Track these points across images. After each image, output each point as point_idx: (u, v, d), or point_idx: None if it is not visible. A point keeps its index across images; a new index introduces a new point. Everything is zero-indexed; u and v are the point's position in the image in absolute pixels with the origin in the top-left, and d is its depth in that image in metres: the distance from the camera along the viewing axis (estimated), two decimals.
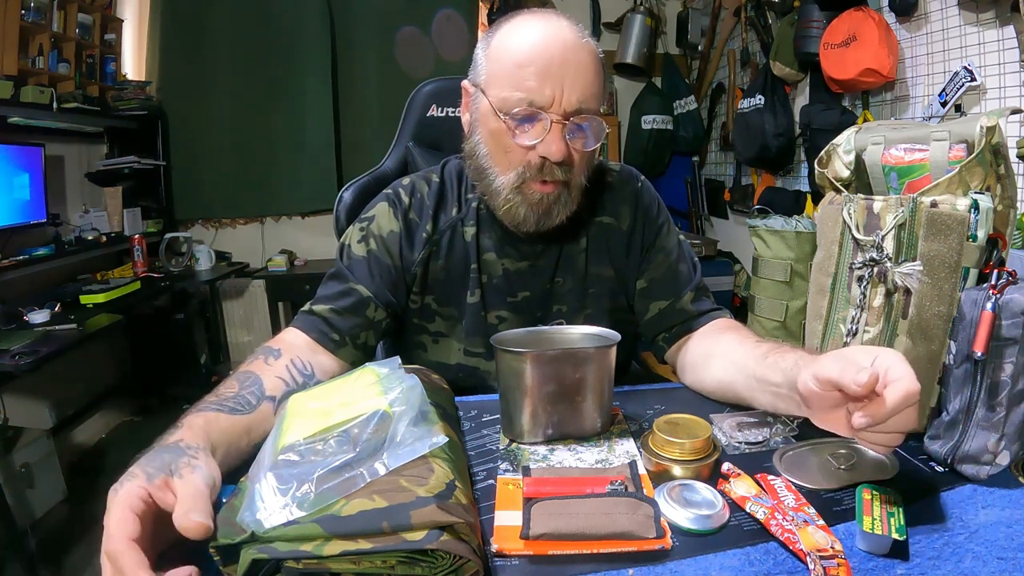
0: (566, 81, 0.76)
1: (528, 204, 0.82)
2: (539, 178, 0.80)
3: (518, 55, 0.77)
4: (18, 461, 1.95)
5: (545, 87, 0.76)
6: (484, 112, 0.82)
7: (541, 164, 0.79)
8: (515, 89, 0.77)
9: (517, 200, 0.82)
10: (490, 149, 0.83)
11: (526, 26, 0.79)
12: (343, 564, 0.44)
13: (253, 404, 0.66)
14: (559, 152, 0.78)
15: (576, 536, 0.51)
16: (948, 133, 0.70)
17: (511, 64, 0.78)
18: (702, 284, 0.95)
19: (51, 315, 2.07)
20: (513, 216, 0.84)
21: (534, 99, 0.76)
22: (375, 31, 3.32)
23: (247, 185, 3.33)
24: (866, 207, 0.72)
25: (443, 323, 0.93)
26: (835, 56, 2.08)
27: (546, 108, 0.77)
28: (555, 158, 0.78)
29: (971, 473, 0.61)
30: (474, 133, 0.85)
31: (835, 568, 0.47)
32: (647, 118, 3.39)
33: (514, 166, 0.81)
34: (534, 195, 0.81)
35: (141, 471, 0.48)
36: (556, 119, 0.77)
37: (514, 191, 0.82)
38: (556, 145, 0.77)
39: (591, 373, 0.70)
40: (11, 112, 2.30)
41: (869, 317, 0.72)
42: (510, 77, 0.78)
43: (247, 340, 3.44)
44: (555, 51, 0.76)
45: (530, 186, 0.81)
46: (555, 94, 0.76)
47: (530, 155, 0.79)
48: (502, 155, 0.81)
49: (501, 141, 0.81)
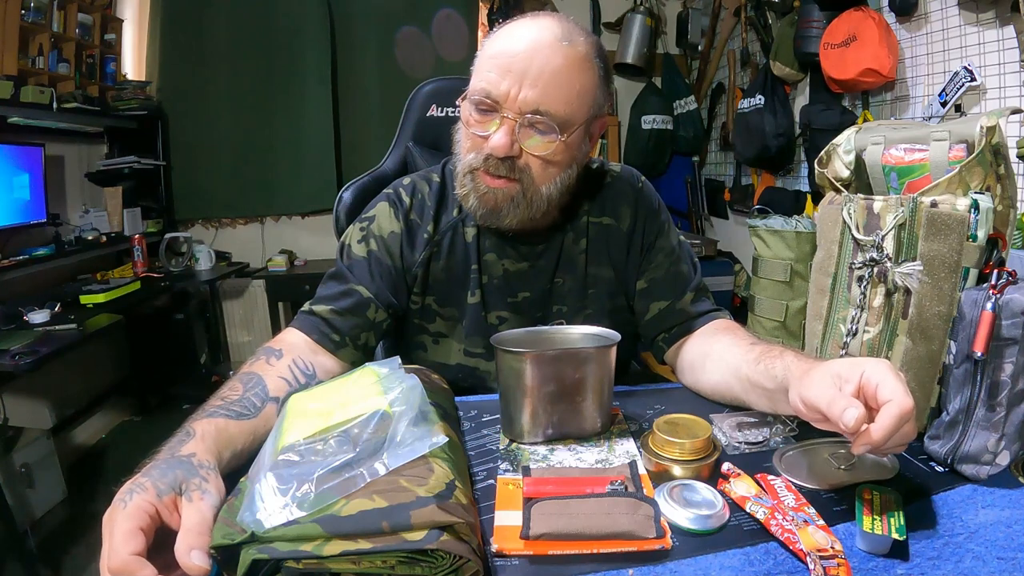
0: (526, 79, 0.75)
1: (476, 194, 0.82)
2: (484, 170, 0.80)
3: (491, 47, 0.79)
4: (18, 461, 1.95)
5: (503, 81, 0.76)
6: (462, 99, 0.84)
7: (486, 156, 0.80)
8: (479, 80, 0.78)
9: (469, 187, 0.83)
10: (461, 135, 0.84)
11: (516, 24, 0.80)
12: (343, 564, 0.44)
13: (258, 407, 0.66)
14: (500, 147, 0.77)
15: (576, 536, 0.51)
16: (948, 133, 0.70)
17: (484, 56, 0.80)
18: (702, 285, 0.95)
19: (51, 315, 2.07)
20: (466, 203, 0.85)
21: (491, 91, 0.77)
22: (375, 31, 3.31)
23: (247, 185, 3.33)
24: (866, 207, 0.72)
25: (443, 323, 0.93)
26: (835, 56, 2.08)
27: (500, 103, 0.77)
28: (497, 153, 0.78)
29: (971, 473, 0.61)
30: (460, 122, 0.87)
31: (835, 568, 0.47)
32: (647, 118, 3.39)
33: (469, 151, 0.82)
34: (481, 186, 0.81)
35: (152, 485, 0.47)
36: (508, 115, 0.77)
37: (466, 176, 0.83)
38: (499, 139, 0.77)
39: (591, 373, 0.70)
40: (11, 112, 2.30)
41: (869, 317, 0.72)
42: (479, 67, 0.80)
43: (247, 340, 3.44)
44: (524, 48, 0.76)
45: (479, 176, 0.81)
46: (511, 90, 0.76)
47: (482, 145, 0.80)
48: (465, 141, 0.83)
49: (465, 129, 0.83)
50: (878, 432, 0.50)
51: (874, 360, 0.55)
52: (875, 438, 0.50)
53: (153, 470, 0.50)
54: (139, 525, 0.44)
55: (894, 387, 0.51)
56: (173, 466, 0.50)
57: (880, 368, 0.53)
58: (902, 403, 0.50)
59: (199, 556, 0.44)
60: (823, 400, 0.54)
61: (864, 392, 0.54)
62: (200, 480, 0.50)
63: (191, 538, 0.45)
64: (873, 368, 0.54)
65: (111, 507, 0.46)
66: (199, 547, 0.44)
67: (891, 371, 0.53)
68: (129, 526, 0.44)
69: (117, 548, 0.43)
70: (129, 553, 0.42)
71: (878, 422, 0.50)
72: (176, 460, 0.52)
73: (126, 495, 0.46)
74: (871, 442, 0.50)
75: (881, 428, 0.50)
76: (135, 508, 0.45)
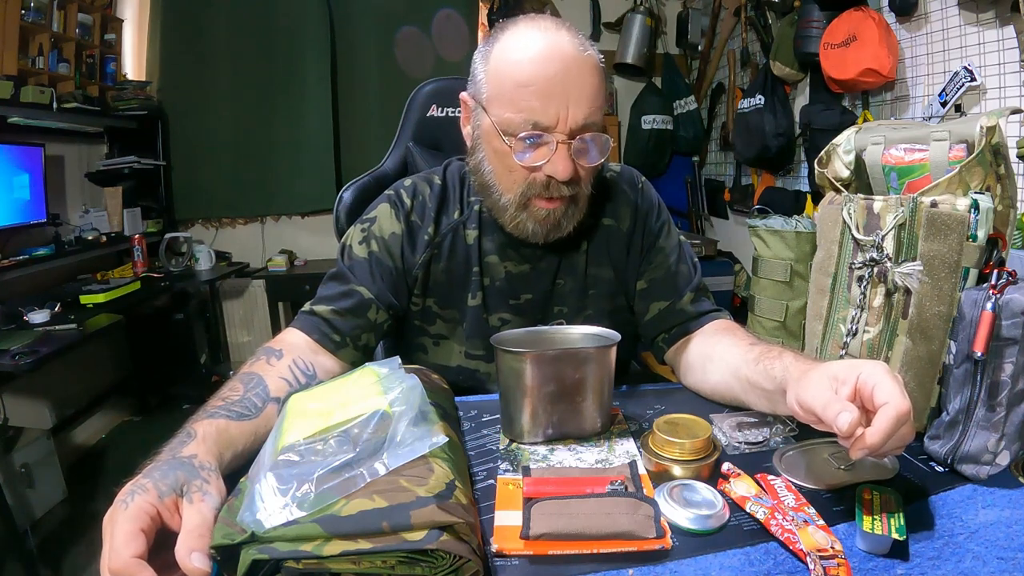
0: (570, 99, 0.74)
1: (535, 220, 0.82)
2: (544, 195, 0.80)
3: (519, 75, 0.75)
4: (18, 461, 1.95)
5: (549, 107, 0.74)
6: (487, 131, 0.80)
7: (547, 182, 0.78)
8: (518, 111, 0.75)
9: (523, 217, 0.82)
10: (494, 167, 0.82)
11: (525, 40, 0.76)
12: (343, 564, 0.44)
13: (259, 407, 0.66)
14: (565, 172, 0.76)
15: (576, 536, 0.51)
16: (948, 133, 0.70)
17: (512, 84, 0.75)
18: (702, 285, 0.95)
19: (51, 315, 2.07)
20: (521, 231, 0.84)
21: (538, 120, 0.74)
22: (375, 31, 3.31)
23: (247, 185, 3.33)
24: (866, 207, 0.72)
25: (444, 325, 0.93)
26: (835, 56, 2.08)
27: (551, 129, 0.75)
28: (562, 178, 0.77)
29: (971, 473, 0.61)
30: (477, 150, 0.84)
31: (835, 568, 0.47)
32: (647, 118, 3.38)
33: (519, 184, 0.80)
34: (539, 212, 0.81)
35: (153, 486, 0.47)
36: (562, 139, 0.75)
37: (519, 209, 0.81)
38: (563, 165, 0.76)
39: (591, 373, 0.70)
40: (11, 112, 2.30)
41: (869, 317, 0.72)
42: (512, 98, 0.75)
43: (247, 340, 3.44)
44: (556, 69, 0.74)
45: (535, 203, 0.81)
46: (559, 114, 0.74)
47: (535, 174, 0.78)
48: (506, 174, 0.80)
49: (505, 161, 0.79)
50: (874, 436, 0.50)
51: (871, 362, 0.55)
52: (871, 442, 0.50)
53: (154, 471, 0.50)
54: (140, 527, 0.44)
55: (891, 389, 0.51)
56: (174, 467, 0.50)
57: (877, 370, 0.53)
58: (899, 405, 0.50)
59: (199, 558, 0.44)
60: (818, 403, 0.54)
61: (861, 394, 0.53)
62: (201, 482, 0.50)
63: (191, 540, 0.45)
64: (870, 370, 0.54)
65: (112, 508, 0.46)
66: (199, 549, 0.44)
67: (888, 373, 0.53)
68: (130, 528, 0.44)
69: (118, 549, 0.43)
70: (130, 555, 0.43)
71: (874, 425, 0.50)
72: (177, 461, 0.52)
73: (127, 496, 0.46)
74: (868, 446, 0.50)
75: (878, 431, 0.50)
76: (136, 509, 0.45)
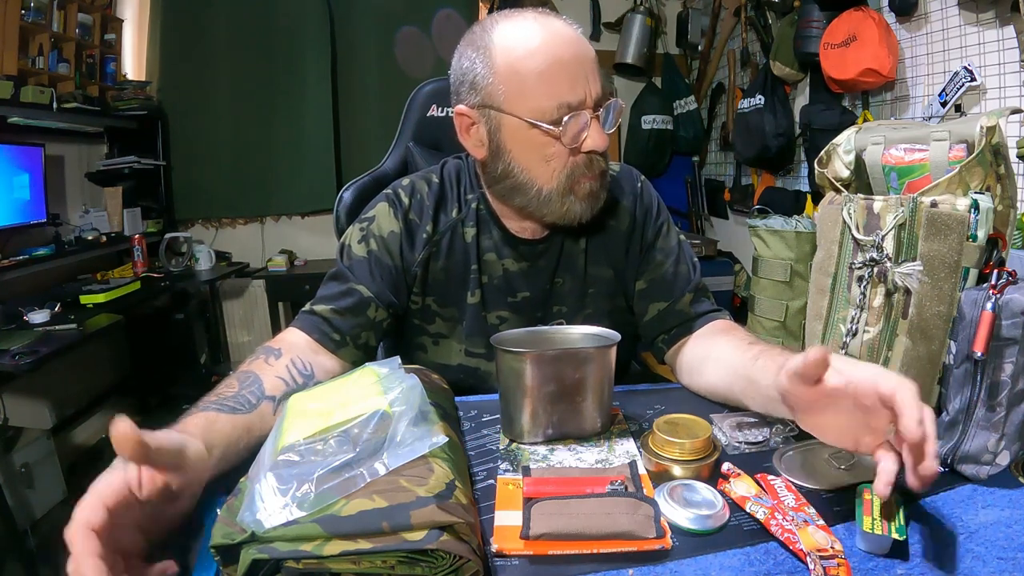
0: (588, 73, 0.78)
1: (581, 199, 0.83)
2: (588, 173, 0.82)
3: (538, 65, 0.77)
4: (18, 461, 1.95)
5: (577, 86, 0.77)
6: (513, 130, 0.80)
7: (589, 160, 0.81)
8: (551, 98, 0.77)
9: (570, 200, 0.83)
10: (528, 164, 0.82)
11: (524, 33, 0.78)
12: (343, 564, 0.44)
13: (253, 403, 0.66)
14: (604, 142, 0.80)
15: (576, 536, 0.51)
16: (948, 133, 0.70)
17: (535, 75, 0.77)
18: (702, 285, 0.95)
19: (51, 315, 2.07)
20: (569, 216, 0.85)
21: (570, 101, 0.77)
22: (375, 31, 3.31)
23: (247, 185, 3.33)
24: (866, 207, 0.72)
25: (443, 324, 0.93)
26: (835, 56, 2.08)
27: (582, 106, 0.78)
28: (602, 148, 0.81)
29: (971, 473, 0.61)
30: (501, 155, 0.83)
31: (835, 568, 0.47)
32: (647, 118, 3.39)
33: (560, 171, 0.81)
34: (585, 187, 0.83)
35: (121, 462, 0.48)
36: (592, 114, 0.79)
37: (565, 194, 0.83)
38: (601, 137, 0.80)
39: (591, 373, 0.70)
40: (11, 112, 2.30)
41: (869, 317, 0.72)
42: (539, 89, 0.77)
43: (247, 340, 3.44)
44: (566, 48, 0.78)
45: (580, 182, 0.82)
46: (585, 89, 0.78)
47: (574, 157, 0.81)
48: (543, 165, 0.81)
49: (542, 152, 0.80)
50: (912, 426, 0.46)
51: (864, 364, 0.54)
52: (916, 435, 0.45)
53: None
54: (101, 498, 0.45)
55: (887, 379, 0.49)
56: None
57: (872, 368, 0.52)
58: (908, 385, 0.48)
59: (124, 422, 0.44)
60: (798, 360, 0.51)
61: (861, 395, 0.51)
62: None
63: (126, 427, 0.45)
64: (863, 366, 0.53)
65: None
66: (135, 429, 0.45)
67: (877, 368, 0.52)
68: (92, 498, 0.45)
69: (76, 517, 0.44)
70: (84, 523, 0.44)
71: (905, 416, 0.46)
72: None
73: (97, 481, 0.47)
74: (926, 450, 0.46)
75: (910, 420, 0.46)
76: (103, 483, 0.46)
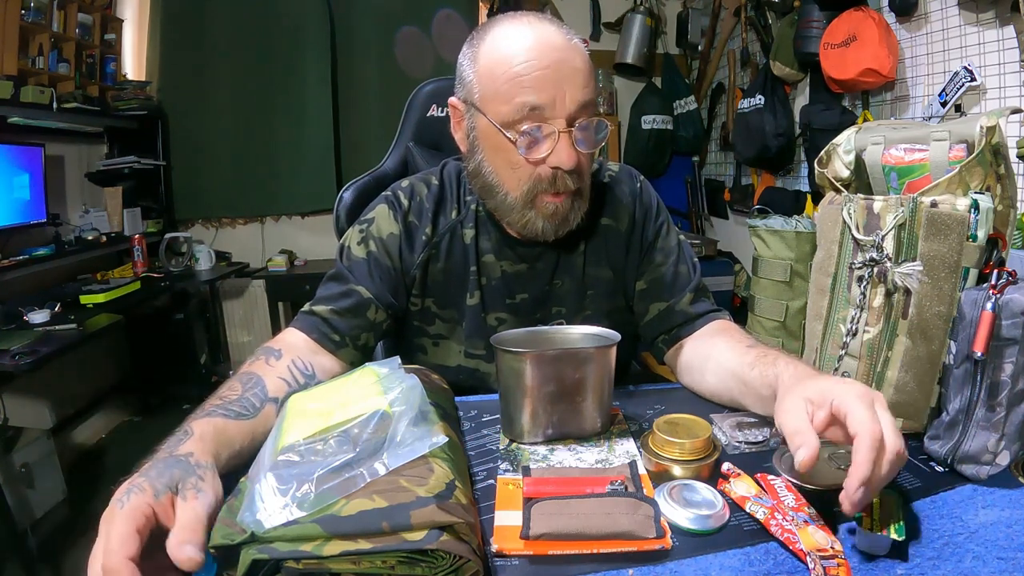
0: (565, 84, 0.74)
1: (543, 217, 0.81)
2: (551, 190, 0.79)
3: (511, 67, 0.75)
4: (18, 461, 1.95)
5: (545, 93, 0.74)
6: (484, 131, 0.80)
7: (553, 176, 0.78)
8: (515, 102, 0.75)
9: (531, 215, 0.81)
10: (496, 167, 0.81)
11: (512, 35, 0.77)
12: (343, 564, 0.44)
13: (257, 407, 0.66)
14: (570, 160, 0.76)
15: (576, 536, 0.51)
16: (948, 133, 0.70)
17: (505, 78, 0.75)
18: (702, 285, 0.95)
19: (51, 315, 2.07)
20: (531, 230, 0.83)
21: (536, 107, 0.74)
22: (375, 31, 3.31)
23: (247, 185, 3.33)
24: (866, 207, 0.72)
25: (443, 325, 0.93)
26: (835, 56, 2.08)
27: (550, 117, 0.75)
28: (567, 167, 0.76)
29: (971, 473, 0.61)
30: (476, 153, 0.83)
31: (835, 568, 0.47)
32: (647, 118, 3.38)
33: (524, 182, 0.79)
34: (547, 207, 0.80)
35: (149, 485, 0.47)
36: (562, 127, 0.75)
37: (527, 207, 0.81)
38: (567, 153, 0.76)
39: (591, 373, 0.70)
40: (11, 112, 2.30)
41: (869, 317, 0.72)
42: (508, 92, 0.75)
43: (247, 340, 3.44)
44: (548, 57, 0.74)
45: (542, 199, 0.80)
46: (556, 100, 0.74)
47: (540, 169, 0.78)
48: (510, 172, 0.80)
49: (508, 158, 0.79)
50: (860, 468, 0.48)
51: (845, 385, 0.55)
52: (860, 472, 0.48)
53: (151, 470, 0.50)
54: (136, 527, 0.44)
55: (860, 416, 0.50)
56: (170, 465, 0.50)
57: (848, 395, 0.53)
58: (870, 431, 0.49)
59: (191, 549, 0.44)
60: (788, 429, 0.54)
61: (837, 419, 0.53)
62: (196, 479, 0.50)
63: (183, 534, 0.45)
64: (842, 395, 0.53)
65: (109, 507, 0.46)
66: (191, 542, 0.44)
67: (859, 398, 0.52)
68: (126, 528, 0.44)
69: (113, 549, 0.43)
70: (125, 556, 0.42)
71: (855, 459, 0.49)
72: (174, 459, 0.52)
73: (124, 495, 0.46)
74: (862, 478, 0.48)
75: (860, 464, 0.48)
76: (132, 509, 0.45)
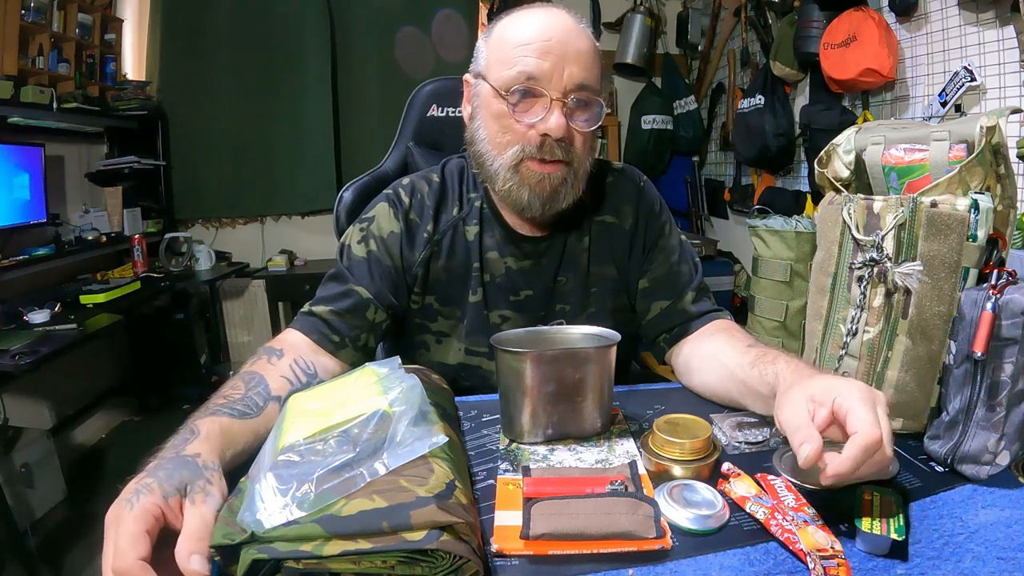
0: (566, 58, 0.77)
1: (529, 186, 0.81)
2: (538, 156, 0.80)
3: (518, 36, 0.79)
4: (18, 461, 1.95)
5: (544, 63, 0.77)
6: (485, 96, 0.82)
7: (541, 142, 0.79)
8: (515, 67, 0.78)
9: (516, 181, 0.81)
10: (489, 132, 0.83)
11: (527, 14, 0.81)
12: (343, 564, 0.44)
13: (261, 406, 0.66)
14: (559, 128, 0.77)
15: (576, 536, 0.51)
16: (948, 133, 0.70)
17: (511, 45, 0.79)
18: (703, 284, 0.95)
19: (51, 315, 2.06)
20: (516, 201, 0.83)
21: (533, 74, 0.77)
22: (375, 31, 3.31)
23: (247, 185, 3.33)
24: (866, 207, 0.72)
25: (445, 323, 0.93)
26: (835, 56, 2.08)
27: (546, 85, 0.77)
28: (555, 134, 0.78)
29: (971, 473, 0.61)
30: (475, 119, 0.86)
31: (835, 568, 0.47)
32: (647, 118, 3.38)
33: (512, 144, 0.81)
34: (533, 175, 0.81)
35: (159, 486, 0.47)
36: (556, 96, 0.78)
37: (512, 171, 0.81)
38: (556, 120, 0.77)
39: (591, 373, 0.70)
40: (11, 112, 2.30)
41: (869, 317, 0.72)
42: (510, 57, 0.79)
43: (247, 340, 3.44)
44: (554, 30, 0.78)
45: (528, 165, 0.81)
46: (555, 70, 0.77)
47: (529, 133, 0.79)
48: (500, 136, 0.81)
49: (501, 122, 0.81)
50: (840, 466, 0.50)
51: (849, 384, 0.55)
52: (835, 471, 0.50)
53: (159, 470, 0.50)
54: (145, 528, 0.44)
55: (862, 417, 0.51)
56: (179, 466, 0.50)
57: (852, 395, 0.53)
58: (868, 435, 0.50)
59: (198, 560, 0.44)
60: (790, 426, 0.54)
61: (837, 417, 0.54)
62: (204, 482, 0.50)
63: (191, 543, 0.45)
64: (846, 394, 0.54)
65: (116, 505, 0.46)
66: (199, 551, 0.44)
67: (862, 398, 0.53)
68: (136, 529, 0.44)
69: (124, 550, 0.43)
70: (136, 558, 0.43)
71: (844, 454, 0.50)
72: (181, 460, 0.52)
73: (133, 496, 0.46)
74: (832, 476, 0.50)
75: (844, 462, 0.50)
76: (142, 510, 0.45)
